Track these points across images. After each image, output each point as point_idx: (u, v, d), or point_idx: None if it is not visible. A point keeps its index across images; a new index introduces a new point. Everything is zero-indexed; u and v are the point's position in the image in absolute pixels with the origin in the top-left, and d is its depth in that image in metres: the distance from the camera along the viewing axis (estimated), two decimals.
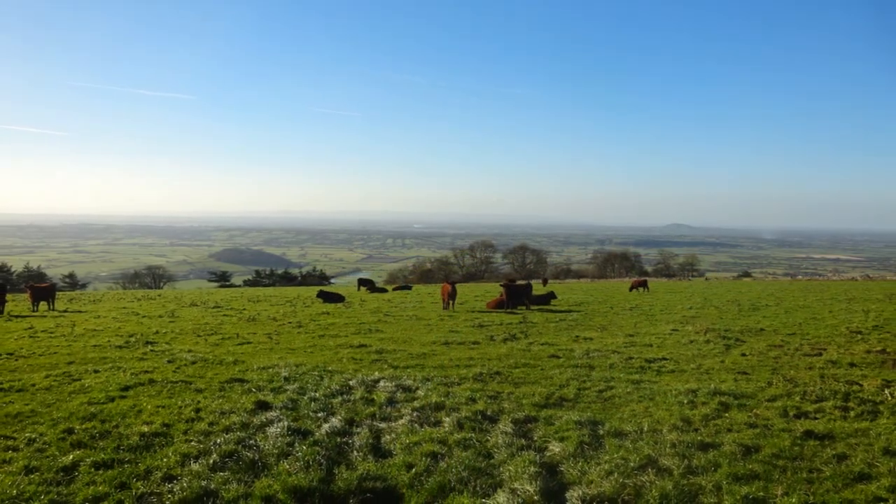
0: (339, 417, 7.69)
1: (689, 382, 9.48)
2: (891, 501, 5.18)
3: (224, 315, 21.20)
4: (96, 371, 10.57)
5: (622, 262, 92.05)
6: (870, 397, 8.34)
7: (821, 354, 11.86)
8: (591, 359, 11.64)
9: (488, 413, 7.83)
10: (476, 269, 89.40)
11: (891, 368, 10.48)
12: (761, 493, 5.33)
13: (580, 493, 5.45)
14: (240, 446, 6.63)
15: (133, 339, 14.51)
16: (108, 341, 14.21)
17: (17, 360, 11.80)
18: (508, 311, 21.94)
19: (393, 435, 7.12)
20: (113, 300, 30.87)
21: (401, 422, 7.58)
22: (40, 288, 24.67)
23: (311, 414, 7.88)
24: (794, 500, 5.18)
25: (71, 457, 6.32)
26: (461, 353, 12.41)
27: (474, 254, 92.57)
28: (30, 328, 16.96)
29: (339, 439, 6.97)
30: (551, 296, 26.21)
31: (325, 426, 7.35)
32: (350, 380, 9.71)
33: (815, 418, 7.53)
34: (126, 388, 9.20)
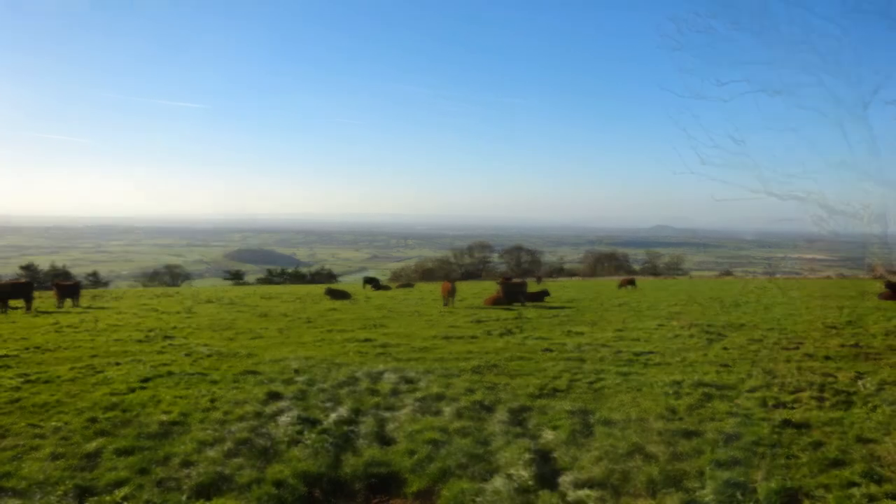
0: (346, 407, 7.70)
1: (674, 374, 9.48)
2: (863, 485, 5.18)
3: (238, 311, 21.20)
4: (118, 364, 10.57)
5: (611, 261, 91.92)
6: (844, 388, 8.35)
7: (798, 348, 11.85)
8: (582, 352, 11.63)
9: (486, 403, 7.84)
10: (474, 267, 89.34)
11: (864, 361, 10.48)
12: (742, 478, 5.33)
13: (572, 478, 5.47)
14: (253, 434, 6.64)
15: (152, 334, 14.51)
16: (129, 336, 14.20)
17: (43, 353, 11.80)
18: (505, 307, 21.94)
19: (396, 423, 7.12)
20: (133, 297, 30.87)
21: (404, 411, 7.58)
22: (65, 286, 24.67)
23: (319, 404, 7.88)
24: (773, 484, 5.18)
25: (94, 444, 6.33)
26: (460, 347, 12.41)
27: (472, 253, 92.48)
28: (55, 323, 16.96)
29: (345, 427, 6.98)
30: (545, 293, 26.19)
31: (333, 415, 7.36)
32: (356, 372, 9.71)
33: (793, 408, 7.53)
34: (146, 380, 9.20)
